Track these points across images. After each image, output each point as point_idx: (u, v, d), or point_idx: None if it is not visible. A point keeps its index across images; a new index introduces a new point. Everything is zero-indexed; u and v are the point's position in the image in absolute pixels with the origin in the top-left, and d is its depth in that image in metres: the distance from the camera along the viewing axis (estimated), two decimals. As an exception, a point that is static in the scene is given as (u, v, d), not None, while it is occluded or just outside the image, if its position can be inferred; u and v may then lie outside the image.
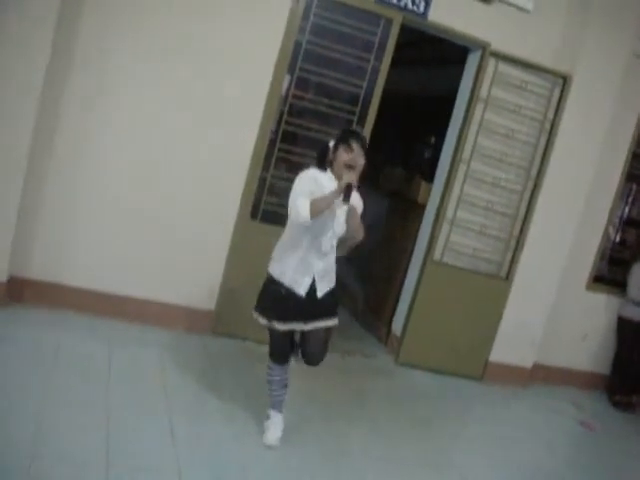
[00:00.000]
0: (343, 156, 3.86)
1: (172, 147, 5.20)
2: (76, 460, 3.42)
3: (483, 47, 5.84)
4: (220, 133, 5.25)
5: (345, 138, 3.92)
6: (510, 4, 5.78)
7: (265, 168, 5.42)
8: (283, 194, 3.76)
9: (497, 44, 5.83)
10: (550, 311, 6.40)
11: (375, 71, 5.57)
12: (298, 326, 3.99)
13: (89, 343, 4.83)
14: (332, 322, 4.06)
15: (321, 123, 5.57)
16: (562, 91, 6.05)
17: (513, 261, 6.22)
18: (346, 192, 3.69)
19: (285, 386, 4.19)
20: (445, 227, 6.05)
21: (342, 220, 3.89)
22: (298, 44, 5.36)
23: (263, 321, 4.00)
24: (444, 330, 6.14)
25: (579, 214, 6.28)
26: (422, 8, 5.58)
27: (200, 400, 4.40)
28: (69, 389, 4.11)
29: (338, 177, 3.83)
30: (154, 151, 5.19)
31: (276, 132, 5.43)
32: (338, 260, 5.74)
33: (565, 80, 6.01)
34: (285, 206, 3.87)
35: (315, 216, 3.69)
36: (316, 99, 5.54)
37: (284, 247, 4.00)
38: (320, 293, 3.98)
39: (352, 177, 3.73)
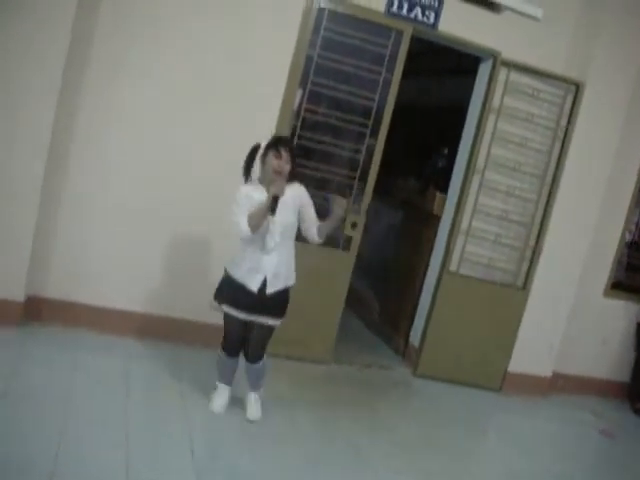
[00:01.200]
0: (272, 162, 4.11)
1: (186, 165, 5.22)
2: (96, 478, 3.42)
3: (494, 56, 5.84)
4: (234, 149, 5.25)
5: (274, 144, 4.14)
6: (520, 13, 5.78)
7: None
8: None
9: (508, 53, 5.83)
10: (568, 319, 6.36)
11: (387, 83, 5.57)
12: (242, 315, 4.22)
13: (106, 360, 4.84)
14: (273, 322, 4.28)
15: (334, 137, 5.57)
16: (575, 98, 6.02)
17: (529, 270, 6.19)
18: (272, 204, 3.95)
19: (234, 370, 4.49)
20: (460, 238, 6.02)
21: (280, 220, 4.09)
22: (309, 58, 5.37)
23: (215, 304, 4.29)
24: (462, 341, 6.11)
25: (595, 221, 6.25)
26: (432, 19, 5.59)
27: (219, 415, 4.40)
28: (88, 406, 4.12)
29: (267, 182, 4.11)
30: (168, 169, 5.21)
31: (289, 147, 5.43)
32: (354, 273, 5.78)
33: (577, 87, 5.99)
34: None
35: (256, 229, 4.00)
36: (329, 113, 5.54)
37: (237, 253, 4.25)
38: (270, 290, 4.19)
39: (278, 187, 3.99)
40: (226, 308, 4.26)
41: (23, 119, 4.75)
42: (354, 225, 5.66)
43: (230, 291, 4.25)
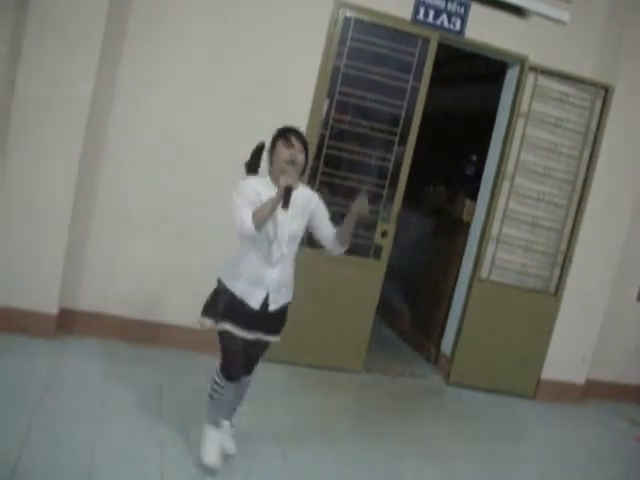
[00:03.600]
0: (283, 152, 3.59)
1: (217, 181, 5.23)
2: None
3: (521, 61, 5.81)
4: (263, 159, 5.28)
5: (283, 134, 3.67)
6: (546, 17, 5.75)
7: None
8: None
9: (535, 58, 5.80)
10: (601, 325, 6.30)
11: (414, 91, 5.56)
12: (248, 335, 3.66)
13: (139, 372, 4.86)
14: (274, 339, 3.82)
15: (363, 145, 5.58)
16: (604, 102, 5.97)
17: (562, 276, 6.14)
18: (285, 195, 3.39)
19: (230, 405, 3.91)
20: (491, 244, 5.99)
21: (288, 225, 3.61)
22: (336, 68, 5.38)
23: (208, 322, 3.70)
24: (494, 348, 6.06)
25: (627, 225, 6.19)
26: (458, 26, 5.58)
27: (253, 425, 4.38)
28: (122, 419, 4.14)
29: (277, 178, 3.55)
30: (198, 185, 5.25)
31: (318, 156, 5.44)
32: (384, 281, 5.76)
33: (607, 91, 5.94)
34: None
35: (260, 225, 3.44)
36: (357, 122, 5.54)
37: (234, 261, 3.70)
38: (273, 307, 3.69)
39: (290, 178, 3.43)
40: (228, 326, 3.63)
41: (54, 135, 4.82)
42: (384, 233, 5.65)
43: (230, 307, 3.65)
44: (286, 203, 3.41)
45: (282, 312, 3.79)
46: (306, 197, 3.71)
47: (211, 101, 5.20)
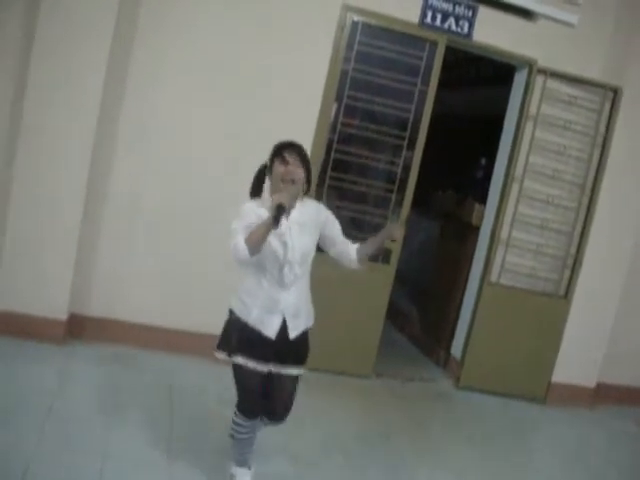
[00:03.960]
0: (278, 170, 3.34)
1: (224, 184, 5.23)
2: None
3: (530, 64, 5.80)
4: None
5: (277, 151, 3.40)
6: (554, 20, 5.74)
7: (317, 197, 5.42)
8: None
9: (544, 60, 5.79)
10: (612, 328, 6.27)
11: (422, 95, 5.56)
12: (265, 367, 3.39)
13: (149, 377, 4.87)
14: (298, 371, 3.50)
15: (371, 149, 5.58)
16: (613, 104, 5.96)
17: (572, 279, 6.12)
18: (276, 214, 3.10)
19: (253, 442, 3.62)
20: (501, 248, 5.97)
21: (299, 245, 3.34)
22: (344, 72, 5.39)
23: (222, 355, 3.43)
24: (505, 352, 6.04)
25: (636, 227, 6.16)
26: (466, 29, 5.57)
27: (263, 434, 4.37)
28: (132, 424, 4.14)
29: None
30: (203, 184, 5.26)
31: (326, 160, 5.44)
32: (394, 285, 5.75)
33: (615, 93, 5.92)
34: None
35: (255, 249, 3.14)
36: (365, 126, 5.54)
37: (245, 289, 3.43)
38: (293, 334, 3.40)
39: (282, 196, 3.17)
40: (241, 360, 3.36)
41: (64, 135, 4.85)
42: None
43: (243, 338, 3.37)
44: (277, 222, 3.10)
45: (303, 339, 3.49)
46: (314, 211, 3.46)
47: (217, 106, 5.21)
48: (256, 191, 3.49)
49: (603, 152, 5.99)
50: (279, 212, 3.11)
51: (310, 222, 3.40)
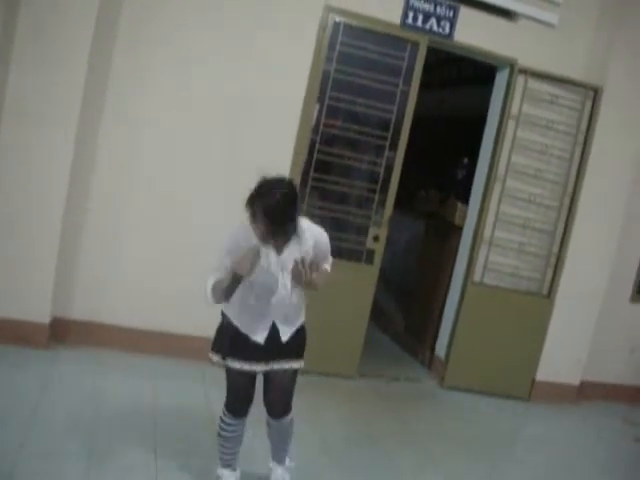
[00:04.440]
0: (258, 230, 3.18)
1: (206, 182, 5.24)
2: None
3: (511, 64, 5.83)
4: (253, 166, 5.26)
5: (249, 202, 3.18)
6: (535, 20, 5.77)
7: (300, 198, 5.40)
8: (318, 224, 3.48)
9: (525, 60, 5.81)
10: (595, 326, 6.30)
11: (404, 95, 5.56)
12: (258, 367, 3.40)
13: (133, 381, 4.85)
14: (297, 364, 3.49)
15: (353, 150, 5.58)
16: (593, 103, 5.99)
17: (554, 278, 6.15)
18: (232, 285, 3.21)
19: (240, 442, 3.60)
20: (483, 247, 5.99)
21: (287, 281, 3.31)
22: (326, 73, 5.38)
23: (216, 358, 3.42)
24: (489, 351, 6.06)
25: (619, 226, 6.19)
26: (447, 29, 5.58)
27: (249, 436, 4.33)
28: (117, 428, 4.11)
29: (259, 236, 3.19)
30: (187, 187, 5.24)
31: (309, 161, 5.44)
32: (377, 286, 5.75)
33: (596, 92, 5.96)
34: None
35: (221, 301, 3.28)
36: (347, 127, 5.54)
37: (235, 298, 3.35)
38: (285, 337, 3.41)
39: (242, 267, 3.13)
40: (234, 363, 3.38)
41: (45, 141, 4.81)
42: (376, 238, 5.65)
43: (235, 341, 3.38)
44: (230, 292, 3.22)
45: (298, 335, 3.49)
46: (312, 243, 3.34)
47: (199, 110, 5.19)
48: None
49: (584, 151, 6.02)
50: (236, 282, 3.20)
51: (304, 253, 3.27)
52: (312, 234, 3.38)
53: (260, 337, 3.36)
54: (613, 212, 6.15)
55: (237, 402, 3.49)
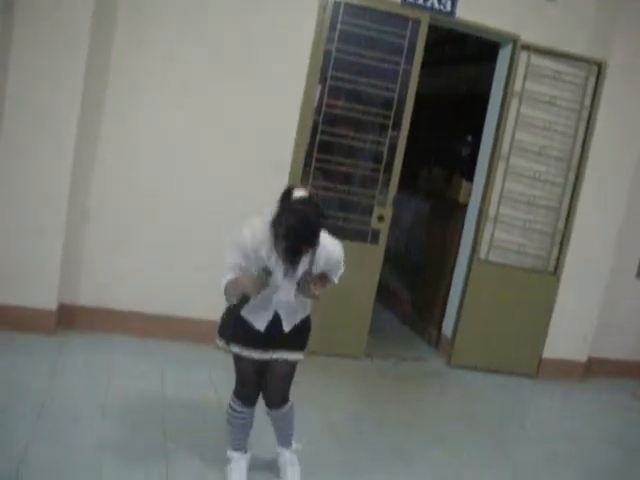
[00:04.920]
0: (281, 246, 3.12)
1: (209, 167, 5.23)
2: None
3: (513, 41, 5.78)
4: (256, 149, 5.27)
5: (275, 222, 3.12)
6: (537, -5, 5.73)
7: (303, 179, 5.40)
8: (322, 205, 3.42)
9: (527, 36, 5.76)
10: (601, 302, 6.30)
11: (406, 74, 5.52)
12: (257, 354, 3.39)
13: (140, 365, 4.87)
14: (296, 356, 3.46)
15: (356, 130, 5.56)
16: (597, 78, 5.95)
17: (560, 255, 6.13)
18: (241, 301, 3.23)
19: (249, 427, 3.60)
20: (489, 225, 5.98)
21: (289, 290, 3.30)
22: (327, 53, 5.34)
23: (221, 343, 3.43)
24: (495, 329, 6.06)
25: (624, 202, 6.17)
26: (449, 6, 5.54)
27: (259, 420, 4.28)
28: (126, 413, 4.13)
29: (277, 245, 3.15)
30: (192, 173, 5.24)
31: (312, 143, 5.42)
32: (383, 266, 5.74)
33: (600, 67, 5.92)
34: (325, 216, 3.37)
35: (231, 300, 3.28)
36: (350, 106, 5.51)
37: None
38: (287, 327, 3.40)
39: (250, 288, 3.16)
40: (237, 349, 3.40)
41: (47, 123, 4.81)
42: (381, 218, 5.64)
43: (238, 327, 3.38)
44: (260, 287, 3.17)
45: (302, 327, 3.48)
46: (325, 258, 3.31)
47: (202, 93, 5.17)
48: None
49: (588, 127, 5.99)
50: (243, 300, 3.22)
51: (319, 268, 3.31)
52: (326, 251, 3.31)
53: (261, 325, 3.36)
54: (618, 188, 6.13)
55: (246, 390, 3.50)
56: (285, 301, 3.35)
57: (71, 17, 4.73)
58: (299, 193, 3.12)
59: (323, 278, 3.37)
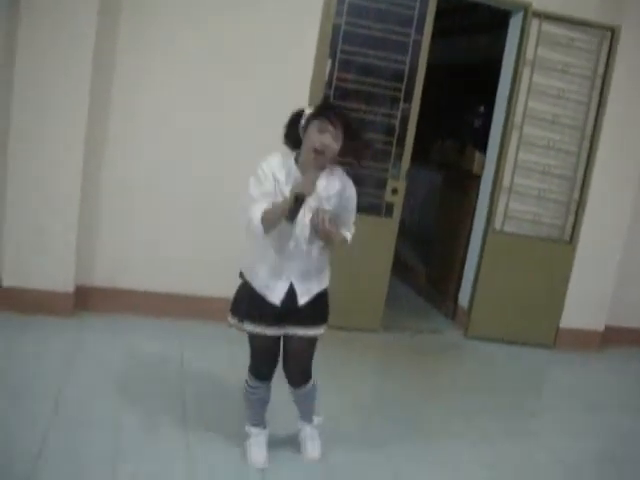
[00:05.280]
0: (313, 137, 3.07)
1: (221, 147, 5.22)
2: (155, 470, 3.42)
3: (524, 8, 5.71)
4: (267, 126, 5.24)
5: (319, 112, 3.11)
6: (547, -40, 5.65)
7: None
8: None
9: (538, 3, 5.69)
10: (618, 271, 6.26)
11: (417, 45, 5.47)
12: (271, 331, 3.31)
13: (159, 344, 4.90)
14: (314, 331, 3.38)
15: (368, 103, 5.51)
16: (611, 45, 5.87)
17: (575, 224, 6.09)
18: (294, 206, 2.97)
19: (266, 403, 3.58)
20: (503, 195, 5.94)
21: (306, 223, 3.17)
22: (336, 27, 5.30)
23: (233, 321, 3.36)
24: (511, 299, 6.05)
25: (639, 169, 6.11)
26: (459, -24, 5.49)
27: (278, 396, 3.94)
28: (145, 393, 4.16)
29: (304, 164, 3.13)
30: (204, 154, 5.24)
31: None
32: (398, 239, 5.72)
33: (613, 33, 5.83)
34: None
35: (270, 230, 3.09)
36: (361, 80, 5.47)
37: (252, 251, 3.34)
38: (303, 300, 3.30)
39: (306, 184, 2.99)
40: (250, 327, 3.31)
41: (57, 113, 4.81)
42: (395, 191, 5.62)
43: (252, 304, 3.30)
44: (292, 217, 3.00)
45: (318, 301, 3.37)
46: (338, 188, 3.24)
47: (211, 71, 5.15)
48: (290, 141, 3.25)
49: (602, 95, 5.92)
50: (298, 204, 2.96)
51: (329, 198, 3.21)
52: (342, 181, 3.27)
53: (276, 298, 3.26)
54: (633, 155, 6.06)
55: (261, 365, 3.45)
56: (300, 262, 3.25)
57: (75, 14, 4.72)
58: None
59: (334, 222, 3.19)
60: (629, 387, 5.78)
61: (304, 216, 3.13)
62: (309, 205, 3.10)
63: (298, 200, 2.95)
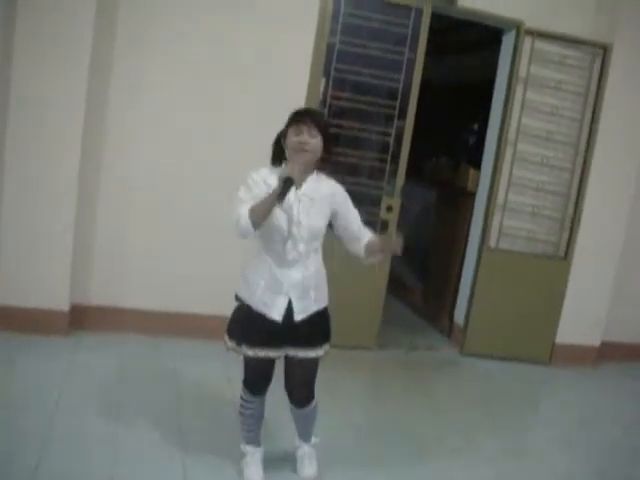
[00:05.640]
0: (291, 140, 3.16)
1: (215, 163, 5.22)
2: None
3: (517, 26, 5.76)
4: (262, 144, 5.25)
5: (292, 118, 3.20)
6: (539, -22, 5.70)
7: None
8: None
9: (530, 21, 5.73)
10: (613, 286, 6.27)
11: (411, 63, 5.51)
12: (272, 353, 3.29)
13: (154, 362, 4.88)
14: (315, 353, 3.36)
15: (362, 121, 5.54)
16: (603, 62, 5.91)
17: (570, 240, 6.10)
18: (283, 188, 3.00)
19: (261, 418, 3.56)
20: (497, 212, 5.96)
21: (307, 222, 3.19)
22: (331, 46, 5.34)
23: (231, 344, 3.33)
24: (507, 316, 6.05)
25: (633, 185, 6.13)
26: (451, -6, 5.52)
27: (273, 415, 3.98)
28: (141, 412, 4.13)
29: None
30: (198, 169, 5.25)
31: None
32: (393, 257, 5.72)
33: (605, 50, 5.88)
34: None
35: (259, 222, 3.05)
36: (355, 98, 5.50)
37: (249, 269, 3.34)
38: (299, 317, 3.26)
39: (293, 168, 3.07)
40: (249, 351, 3.27)
41: (54, 132, 4.83)
42: (389, 208, 5.63)
43: (249, 326, 3.27)
44: (283, 196, 3.00)
45: (317, 320, 3.36)
46: (328, 190, 3.30)
47: (206, 89, 5.18)
48: (276, 160, 3.32)
49: (595, 111, 5.95)
50: (286, 186, 3.00)
51: (322, 199, 3.25)
52: (329, 185, 3.35)
53: (276, 313, 3.22)
54: (627, 171, 6.09)
55: (255, 380, 3.44)
56: (298, 279, 3.25)
57: (73, 15, 4.73)
58: None
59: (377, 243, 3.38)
60: (625, 403, 5.76)
61: (299, 214, 3.17)
62: (306, 206, 3.19)
63: (287, 183, 3.01)
